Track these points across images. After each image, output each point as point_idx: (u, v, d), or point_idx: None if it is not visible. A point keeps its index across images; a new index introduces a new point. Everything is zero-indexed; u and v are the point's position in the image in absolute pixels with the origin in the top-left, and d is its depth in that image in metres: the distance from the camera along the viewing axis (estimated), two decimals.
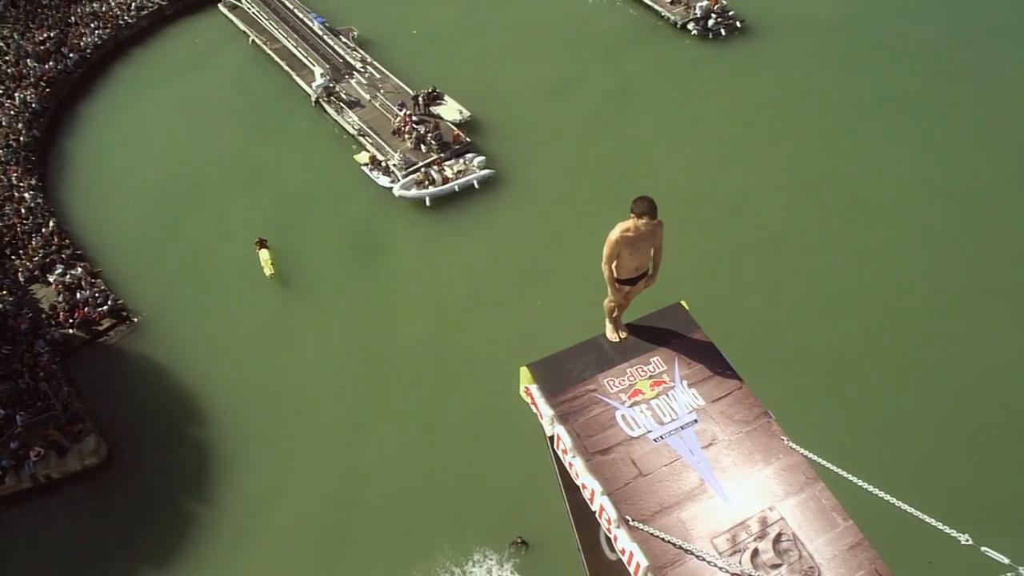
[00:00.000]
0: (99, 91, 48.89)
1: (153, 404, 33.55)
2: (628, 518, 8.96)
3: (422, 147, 43.56)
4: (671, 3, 54.42)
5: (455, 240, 40.02)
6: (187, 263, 39.29)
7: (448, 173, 41.82)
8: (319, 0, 54.33)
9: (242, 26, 52.49)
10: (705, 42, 52.30)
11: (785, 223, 39.88)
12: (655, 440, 9.67)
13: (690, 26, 52.66)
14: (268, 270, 38.10)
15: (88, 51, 50.45)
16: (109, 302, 36.53)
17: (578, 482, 9.73)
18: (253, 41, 51.45)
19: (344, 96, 46.70)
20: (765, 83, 49.16)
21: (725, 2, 53.58)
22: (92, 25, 51.59)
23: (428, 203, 40.98)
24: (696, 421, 9.87)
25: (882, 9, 56.05)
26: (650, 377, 10.40)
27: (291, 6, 53.01)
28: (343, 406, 33.17)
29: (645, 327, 11.18)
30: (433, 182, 41.36)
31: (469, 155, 43.07)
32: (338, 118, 46.13)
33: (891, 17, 55.28)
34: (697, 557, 8.58)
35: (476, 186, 41.72)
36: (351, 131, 45.31)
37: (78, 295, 36.72)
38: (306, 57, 49.02)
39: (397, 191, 41.07)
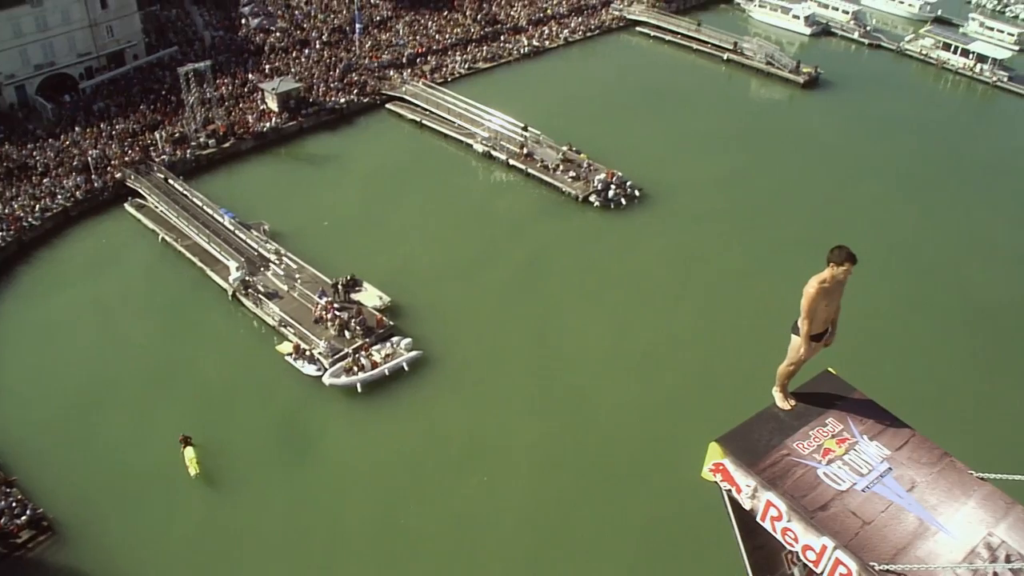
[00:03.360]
0: (3, 294, 47.33)
1: None
2: (873, 564, 9.26)
3: (346, 334, 43.55)
4: (572, 179, 57.36)
5: (390, 424, 39.71)
6: (107, 466, 37.40)
7: (376, 358, 41.83)
8: (227, 196, 54.82)
9: (150, 224, 52.28)
10: (607, 212, 55.61)
11: (700, 371, 42.39)
12: (863, 490, 10.16)
13: (592, 198, 55.89)
14: (193, 469, 36.68)
15: None
16: (28, 512, 34.24)
17: (797, 547, 9.94)
18: (163, 239, 51.18)
19: (262, 288, 46.62)
20: (667, 242, 53.08)
21: (621, 173, 57.00)
22: None
23: (360, 389, 40.67)
24: (891, 469, 10.50)
25: (762, 163, 61.77)
26: (833, 436, 10.95)
27: (200, 203, 53.24)
28: None
29: (805, 394, 11.77)
30: (363, 368, 41.24)
31: (395, 338, 43.32)
32: (257, 311, 45.84)
33: (772, 169, 61.01)
34: None
35: (406, 368, 41.83)
36: (271, 323, 45.00)
37: None
38: (219, 252, 48.95)
39: (327, 379, 40.67)
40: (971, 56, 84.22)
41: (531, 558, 33.48)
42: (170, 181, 55.50)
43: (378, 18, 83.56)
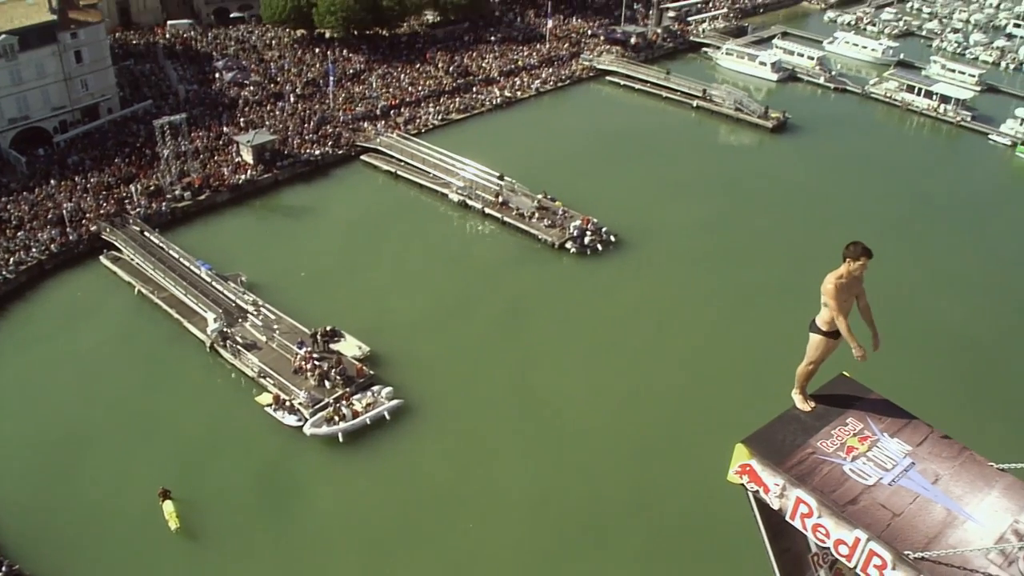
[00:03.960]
0: None
1: None
2: (908, 553, 9.63)
3: (326, 383, 43.46)
4: (548, 226, 58.00)
5: (373, 474, 39.52)
6: (86, 521, 36.80)
7: (358, 407, 41.74)
8: (204, 248, 54.76)
9: (127, 277, 52.08)
10: (584, 258, 56.24)
11: (680, 413, 42.86)
12: (889, 484, 10.59)
13: (568, 245, 56.49)
14: (173, 523, 36.20)
15: None
16: (3, 568, 33.57)
17: (829, 542, 10.25)
18: (139, 291, 50.96)
19: (240, 339, 46.45)
20: (644, 286, 53.92)
21: (596, 220, 57.74)
22: None
23: (341, 439, 40.48)
24: (914, 464, 10.94)
25: (734, 207, 63.43)
26: (855, 434, 11.40)
27: (176, 255, 53.15)
28: None
29: (824, 396, 12.21)
30: (344, 417, 41.11)
31: (376, 387, 43.28)
32: (236, 362, 45.64)
33: (744, 212, 62.73)
34: (983, 573, 9.51)
35: (387, 417, 41.76)
36: (251, 374, 44.80)
37: None
38: (197, 303, 48.81)
39: (308, 429, 40.48)
40: (935, 97, 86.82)
41: None
42: (146, 234, 55.41)
43: (351, 71, 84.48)
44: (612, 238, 57.77)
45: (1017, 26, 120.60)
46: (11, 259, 51.92)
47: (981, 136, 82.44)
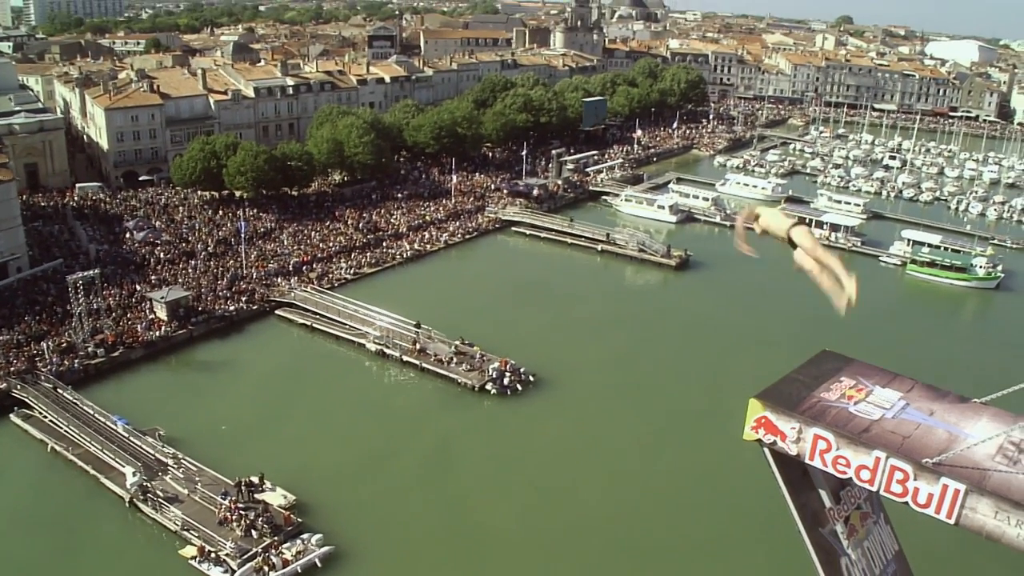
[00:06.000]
0: None
1: None
2: (924, 461, 11.06)
3: (253, 533, 42.66)
4: (467, 370, 59.23)
5: None
6: None
7: (287, 555, 41.02)
8: (119, 404, 53.86)
9: (38, 435, 50.63)
10: (504, 398, 57.51)
11: (616, 540, 43.21)
12: (893, 418, 12.20)
13: (488, 387, 57.68)
14: None
15: None
16: None
17: (850, 471, 11.70)
18: (52, 448, 49.53)
19: (161, 493, 45.43)
20: (566, 422, 55.58)
21: (514, 361, 59.31)
22: None
23: None
24: (908, 404, 12.58)
25: (645, 341, 67.12)
26: (851, 387, 13.06)
27: (91, 411, 52.13)
28: None
29: (814, 365, 13.99)
30: (273, 567, 40.31)
31: (305, 535, 42.66)
32: (157, 516, 44.42)
33: (655, 345, 66.02)
34: (994, 471, 10.98)
35: (319, 565, 41.10)
36: (173, 528, 43.61)
37: None
38: (114, 458, 47.72)
39: None
40: (825, 227, 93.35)
41: None
42: (59, 390, 54.27)
43: (262, 229, 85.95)
44: (531, 378, 59.31)
45: (892, 158, 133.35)
46: None
47: (873, 259, 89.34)
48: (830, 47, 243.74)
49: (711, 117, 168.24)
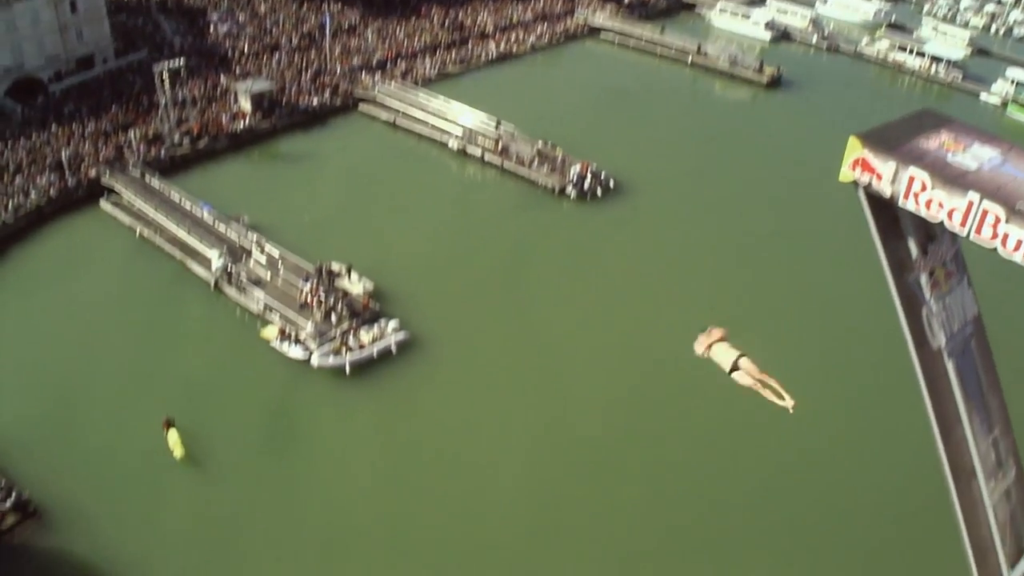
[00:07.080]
0: None
1: None
2: (1019, 206, 10.95)
3: (332, 317, 43.46)
4: (548, 172, 58.03)
5: (380, 407, 39.87)
6: (92, 454, 36.64)
7: (365, 339, 41.77)
8: (204, 193, 54.45)
9: (127, 220, 51.83)
10: (583, 203, 56.28)
11: (684, 355, 42.30)
12: (989, 171, 11.93)
13: (568, 190, 56.52)
14: (178, 451, 36.23)
15: None
16: (12, 496, 33.58)
17: (942, 213, 11.57)
18: (140, 234, 50.73)
19: (244, 277, 46.37)
20: (643, 230, 54.45)
21: (595, 165, 57.75)
22: None
23: (348, 371, 40.54)
24: (1005, 161, 12.28)
25: (728, 157, 64.78)
26: (951, 140, 12.71)
27: (177, 197, 52.92)
28: None
29: (914, 119, 13.68)
30: (351, 349, 41.15)
31: (382, 320, 43.24)
32: (240, 298, 45.61)
33: (738, 163, 63.90)
34: None
35: (394, 351, 41.81)
36: (255, 309, 44.81)
37: None
38: (200, 242, 48.69)
39: (315, 360, 40.55)
40: (926, 57, 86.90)
41: (530, 543, 33.56)
42: (146, 177, 55.11)
43: (347, 25, 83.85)
44: (611, 183, 57.91)
45: None
46: (9, 203, 51.55)
47: (972, 96, 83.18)
48: None
49: None
